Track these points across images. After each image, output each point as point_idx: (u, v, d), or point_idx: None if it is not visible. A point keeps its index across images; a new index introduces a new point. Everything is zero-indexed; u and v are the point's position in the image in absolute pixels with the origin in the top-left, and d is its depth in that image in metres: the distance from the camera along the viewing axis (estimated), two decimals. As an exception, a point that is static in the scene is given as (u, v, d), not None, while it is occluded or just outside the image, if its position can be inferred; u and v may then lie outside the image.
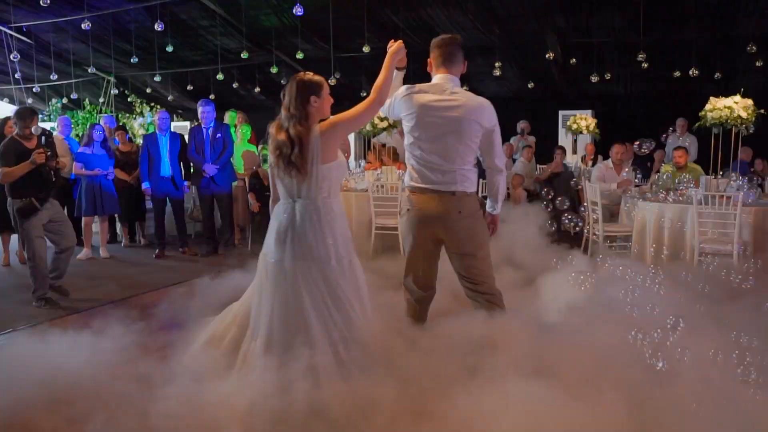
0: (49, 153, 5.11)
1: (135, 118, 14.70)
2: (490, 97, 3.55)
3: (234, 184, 8.15)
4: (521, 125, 11.24)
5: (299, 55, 10.71)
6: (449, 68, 3.56)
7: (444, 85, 3.51)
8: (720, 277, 4.43)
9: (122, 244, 8.66)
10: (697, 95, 11.12)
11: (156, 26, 8.76)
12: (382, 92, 3.16)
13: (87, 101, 14.71)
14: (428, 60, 3.65)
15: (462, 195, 3.44)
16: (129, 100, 15.07)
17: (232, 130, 8.70)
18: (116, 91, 13.62)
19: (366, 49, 9.59)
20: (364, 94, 13.11)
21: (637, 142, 6.85)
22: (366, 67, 12.74)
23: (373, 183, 7.61)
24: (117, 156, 8.27)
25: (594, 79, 9.97)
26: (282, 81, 13.29)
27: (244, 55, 10.58)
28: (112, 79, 14.49)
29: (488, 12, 9.72)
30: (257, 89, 13.48)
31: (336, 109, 3.22)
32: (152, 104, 15.47)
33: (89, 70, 12.34)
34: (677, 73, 10.08)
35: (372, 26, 10.32)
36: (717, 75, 9.76)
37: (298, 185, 3.08)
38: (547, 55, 9.82)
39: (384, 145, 10.32)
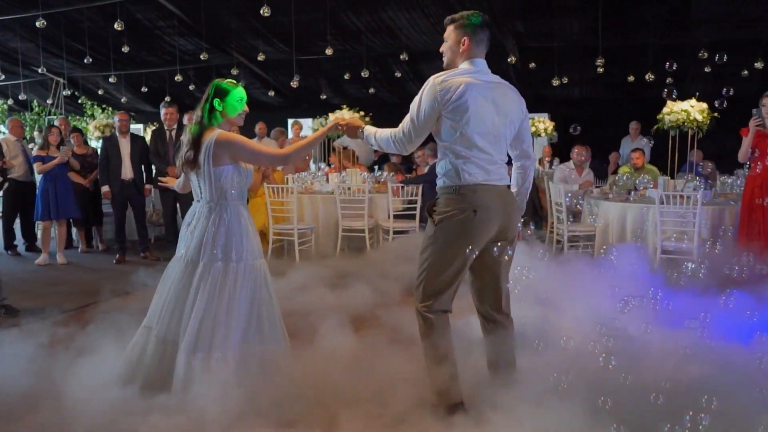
0: None
1: (86, 121, 14.29)
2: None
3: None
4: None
5: (260, 57, 10.61)
6: (483, 53, 2.99)
7: (484, 68, 2.95)
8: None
9: (79, 250, 8.38)
10: (650, 99, 11.55)
11: (117, 26, 8.51)
12: (294, 154, 3.21)
13: (35, 102, 14.22)
14: (459, 41, 2.97)
15: (510, 190, 3.08)
16: (80, 101, 14.64)
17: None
18: (68, 92, 13.17)
19: (329, 51, 9.57)
20: (324, 97, 13.09)
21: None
22: (327, 69, 12.73)
23: (338, 186, 7.60)
24: (72, 158, 8.01)
25: (555, 82, 10.18)
26: (240, 83, 13.15)
27: (203, 56, 10.41)
28: (62, 80, 14.04)
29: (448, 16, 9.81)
30: (215, 91, 13.23)
31: (296, 112, 3.22)
32: (104, 106, 15.10)
33: (39, 71, 11.92)
34: (631, 78, 10.41)
35: (334, 29, 10.32)
36: (668, 80, 10.07)
37: (198, 185, 3.23)
38: (509, 59, 10.00)
39: (345, 148, 10.32)
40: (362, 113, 8.67)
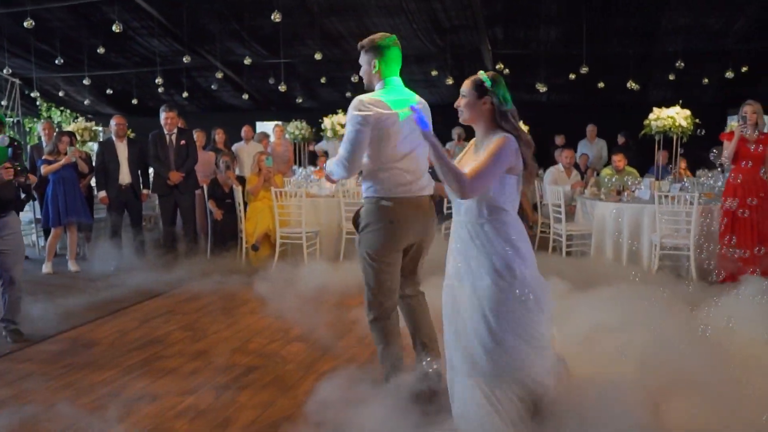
0: (18, 167, 4.48)
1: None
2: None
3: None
4: (456, 131, 11.71)
5: (247, 62, 10.56)
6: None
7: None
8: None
9: (67, 257, 8.12)
10: (613, 104, 12.17)
11: (116, 27, 8.29)
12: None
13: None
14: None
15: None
16: (37, 103, 14.09)
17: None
18: (36, 94, 12.64)
19: (317, 56, 9.65)
20: (300, 101, 13.08)
21: None
22: (301, 72, 12.78)
23: (339, 189, 7.72)
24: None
25: (540, 88, 10.60)
26: (213, 87, 13.02)
27: (186, 59, 10.28)
28: (17, 81, 13.44)
29: (433, 23, 10.10)
30: (185, 94, 13.06)
31: (265, 115, 3.21)
32: (62, 108, 14.61)
33: (4, 72, 11.43)
34: (601, 84, 10.96)
35: (315, 33, 10.41)
36: (636, 87, 10.68)
37: None
38: (497, 66, 10.36)
39: (326, 153, 10.42)
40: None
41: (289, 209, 7.37)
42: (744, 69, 10.35)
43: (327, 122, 8.71)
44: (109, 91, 13.19)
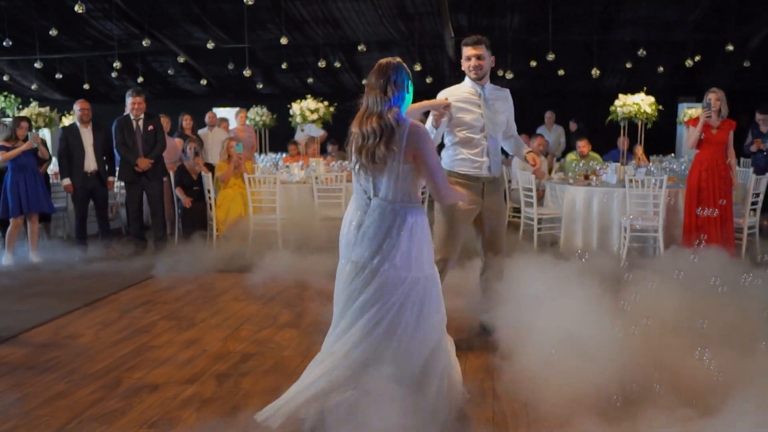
0: None
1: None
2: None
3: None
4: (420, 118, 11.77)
5: (210, 45, 10.29)
6: None
7: None
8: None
9: (28, 248, 7.79)
10: (569, 92, 12.44)
11: (78, 8, 7.90)
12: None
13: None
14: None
15: None
16: (-21, 88, 13.39)
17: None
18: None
19: (283, 41, 9.50)
20: (260, 87, 12.89)
21: None
22: (260, 59, 12.56)
23: (310, 175, 7.67)
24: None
25: (509, 76, 10.73)
26: (170, 71, 12.65)
27: (145, 42, 9.93)
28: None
29: (398, 9, 10.07)
30: (140, 79, 12.64)
31: (221, 101, 3.17)
32: (5, 93, 13.92)
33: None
34: (561, 72, 11.18)
35: (279, 18, 10.23)
36: (598, 74, 10.93)
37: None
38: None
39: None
40: (326, 103, 8.70)
41: (261, 195, 7.27)
42: (697, 58, 10.73)
43: (295, 107, 8.58)
44: (58, 76, 12.63)
